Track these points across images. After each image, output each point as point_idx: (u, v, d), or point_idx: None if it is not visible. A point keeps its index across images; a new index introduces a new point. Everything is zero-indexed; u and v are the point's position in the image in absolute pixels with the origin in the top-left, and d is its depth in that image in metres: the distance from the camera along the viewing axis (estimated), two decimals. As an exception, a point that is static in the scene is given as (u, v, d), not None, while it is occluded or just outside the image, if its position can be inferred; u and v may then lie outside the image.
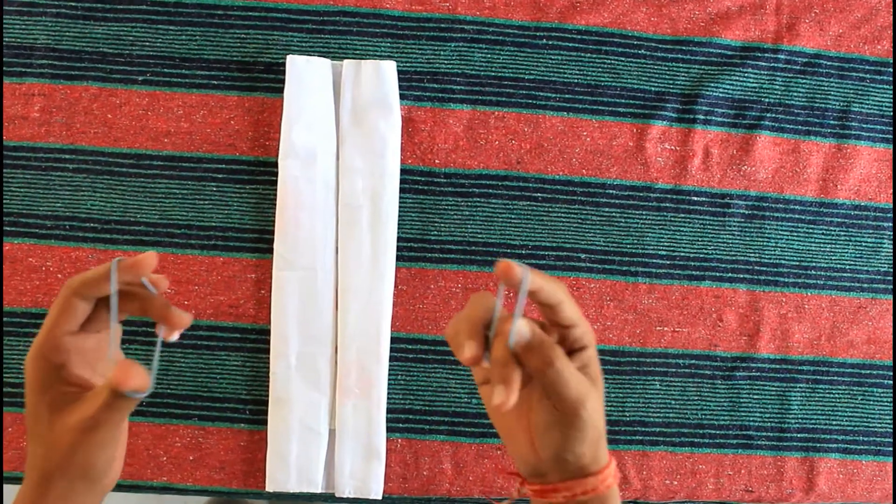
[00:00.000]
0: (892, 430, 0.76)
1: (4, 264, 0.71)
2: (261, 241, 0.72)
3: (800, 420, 0.75)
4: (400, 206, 0.73)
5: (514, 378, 0.38)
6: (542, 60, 0.76)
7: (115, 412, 0.39)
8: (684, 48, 0.77)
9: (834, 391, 0.76)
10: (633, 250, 0.75)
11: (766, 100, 0.77)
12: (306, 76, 0.72)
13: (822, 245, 0.77)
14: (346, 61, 0.73)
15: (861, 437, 0.75)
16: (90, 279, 0.40)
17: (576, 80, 0.76)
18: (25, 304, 0.71)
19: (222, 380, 0.71)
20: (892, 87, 0.78)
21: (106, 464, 0.41)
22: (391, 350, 0.72)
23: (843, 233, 0.77)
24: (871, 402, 0.76)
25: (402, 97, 0.74)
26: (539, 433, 0.42)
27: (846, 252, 0.77)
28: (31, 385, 0.40)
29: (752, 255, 0.76)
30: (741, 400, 0.74)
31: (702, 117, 0.76)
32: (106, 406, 0.39)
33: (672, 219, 0.75)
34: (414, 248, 0.73)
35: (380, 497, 0.70)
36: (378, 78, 0.72)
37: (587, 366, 0.42)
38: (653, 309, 0.74)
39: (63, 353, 0.40)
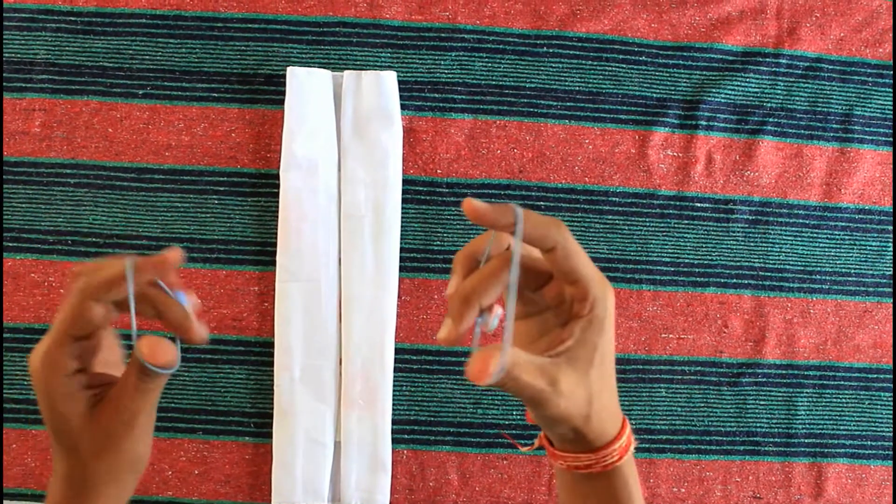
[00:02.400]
0: (899, 435, 0.75)
1: (6, 280, 0.71)
2: (263, 253, 0.72)
3: (807, 425, 0.75)
4: (402, 217, 0.72)
5: (464, 316, 0.34)
6: (542, 68, 0.75)
7: (149, 394, 0.37)
8: (685, 54, 0.77)
9: (841, 396, 0.75)
10: (637, 258, 0.74)
11: (768, 104, 0.77)
12: (307, 87, 0.71)
13: (826, 249, 0.76)
14: (346, 72, 0.72)
15: (869, 442, 0.75)
16: (105, 281, 0.35)
17: (577, 88, 0.76)
18: (28, 320, 0.71)
19: (227, 393, 0.71)
20: (893, 91, 0.78)
21: (147, 447, 0.38)
22: (395, 361, 0.71)
23: (847, 237, 0.77)
24: (879, 407, 0.75)
25: (403, 107, 0.74)
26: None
27: (851, 256, 0.77)
28: (47, 397, 0.36)
29: (757, 260, 0.76)
30: (748, 406, 0.74)
31: (704, 123, 0.76)
32: (139, 392, 0.36)
33: (675, 225, 0.75)
34: (417, 259, 0.73)
35: (386, 509, 0.70)
36: (379, 88, 0.72)
37: (575, 340, 0.35)
38: (657, 316, 0.74)
39: (79, 360, 0.37)
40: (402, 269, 0.72)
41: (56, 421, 0.37)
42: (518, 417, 0.73)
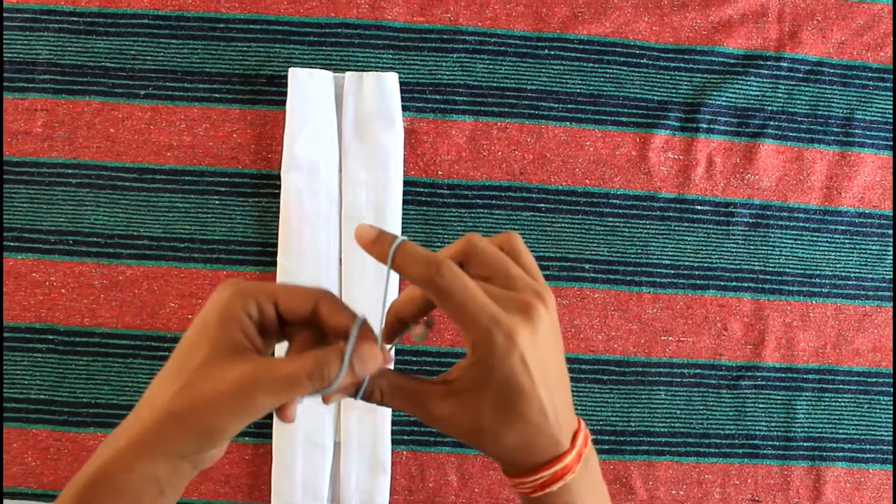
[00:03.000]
0: (898, 438, 0.76)
1: (8, 279, 0.71)
2: (264, 254, 0.72)
3: (806, 429, 0.75)
4: (403, 218, 0.73)
5: (390, 327, 0.39)
6: (544, 71, 0.76)
7: (288, 394, 0.34)
8: (687, 57, 0.77)
9: (840, 399, 0.75)
10: (637, 260, 0.75)
11: (769, 108, 0.77)
12: (308, 88, 0.72)
13: (826, 253, 0.76)
14: (348, 73, 0.73)
15: (868, 446, 0.75)
16: (336, 313, 0.36)
17: (578, 90, 0.76)
18: (29, 320, 0.71)
19: (227, 393, 0.71)
20: (894, 94, 0.78)
21: (226, 438, 0.35)
22: (395, 362, 0.71)
23: (847, 240, 0.77)
24: (878, 411, 0.76)
25: (404, 109, 0.74)
26: (480, 431, 0.37)
27: (851, 260, 0.77)
28: (214, 315, 0.35)
29: (757, 263, 0.76)
30: (747, 409, 0.74)
31: (705, 126, 0.76)
32: (293, 380, 0.34)
33: (676, 228, 0.75)
34: (417, 260, 0.73)
35: (385, 510, 0.70)
36: (380, 90, 0.72)
37: (465, 370, 0.36)
38: (657, 318, 0.74)
39: (262, 313, 0.36)
40: (402, 270, 0.72)
41: (198, 340, 0.35)
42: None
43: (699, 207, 0.76)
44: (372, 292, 0.70)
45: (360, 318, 0.36)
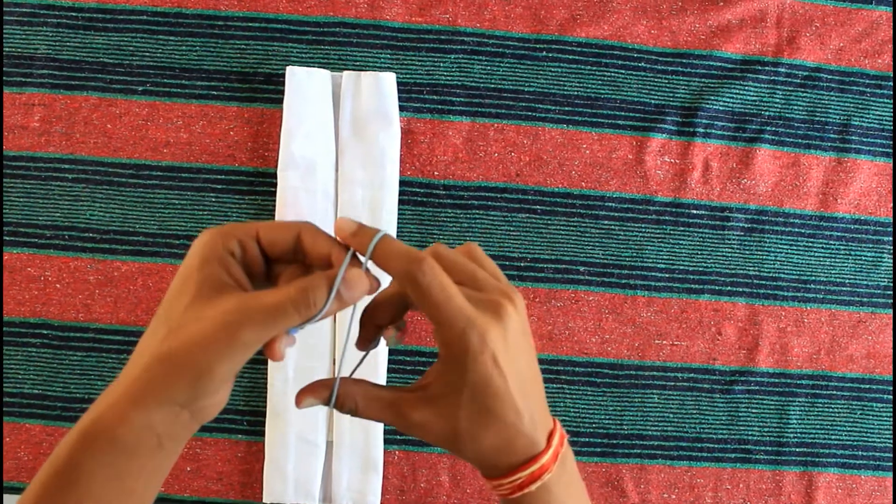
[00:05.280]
0: (891, 445, 0.75)
1: (4, 274, 0.71)
2: (259, 252, 0.72)
3: (798, 434, 0.75)
4: (399, 218, 0.73)
5: (364, 330, 0.40)
6: (541, 73, 0.76)
7: (274, 325, 0.33)
8: (684, 61, 0.77)
9: (833, 405, 0.75)
10: (632, 263, 0.75)
11: (767, 113, 0.77)
12: (306, 87, 0.72)
13: (821, 259, 0.76)
14: (345, 72, 0.73)
15: (860, 452, 0.75)
16: (320, 242, 0.36)
17: (576, 93, 0.76)
18: (24, 314, 0.71)
19: (220, 391, 0.71)
20: (892, 101, 0.78)
21: (220, 382, 0.34)
22: (389, 362, 0.71)
23: (842, 247, 0.77)
24: (871, 417, 0.76)
25: (401, 109, 0.74)
26: (454, 435, 0.37)
27: (846, 266, 0.77)
28: (197, 256, 0.35)
29: (752, 268, 0.76)
30: (740, 414, 0.74)
31: (702, 130, 0.76)
32: (277, 309, 0.33)
33: (671, 232, 0.75)
34: (412, 260, 0.73)
35: (377, 509, 0.70)
36: (378, 89, 0.72)
37: (452, 370, 0.36)
38: (651, 322, 0.74)
39: (245, 250, 0.36)
40: (397, 270, 0.72)
41: (176, 283, 0.35)
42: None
43: (695, 211, 0.76)
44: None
45: (350, 251, 0.36)
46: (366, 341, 0.41)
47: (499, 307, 0.36)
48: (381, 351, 0.70)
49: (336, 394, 0.37)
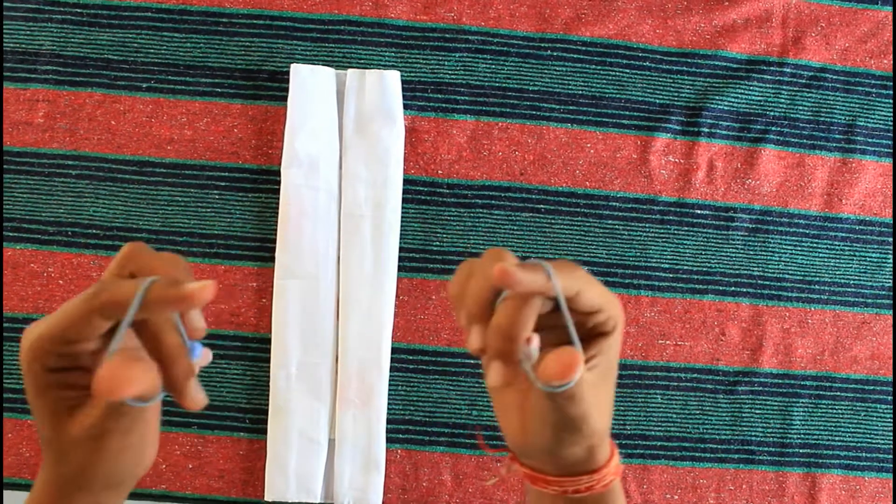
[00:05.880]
0: (894, 447, 0.75)
1: (6, 270, 0.71)
2: (263, 249, 0.72)
3: (802, 435, 0.75)
4: (402, 217, 0.72)
5: (514, 353, 0.33)
6: (546, 72, 0.75)
7: (122, 418, 0.33)
8: (689, 61, 0.77)
9: (837, 407, 0.75)
10: (636, 263, 0.74)
11: (771, 113, 0.77)
12: (310, 85, 0.72)
13: (826, 260, 0.76)
14: (350, 70, 0.73)
15: (864, 454, 0.75)
16: (116, 302, 0.31)
17: (580, 92, 0.76)
18: (27, 310, 0.71)
19: (222, 388, 0.71)
20: (893, 102, 0.78)
21: (131, 467, 0.35)
22: (392, 360, 0.71)
23: (847, 247, 0.77)
24: (875, 418, 0.75)
25: (405, 107, 0.74)
26: (532, 423, 0.37)
27: (850, 267, 0.76)
28: (29, 387, 0.34)
29: (756, 269, 0.75)
30: (743, 414, 0.74)
31: (706, 130, 0.76)
32: (107, 414, 0.32)
33: (675, 232, 0.75)
34: (416, 259, 0.73)
35: (379, 508, 0.70)
36: (382, 87, 0.72)
37: (602, 354, 0.37)
38: (655, 322, 0.74)
39: (63, 359, 0.33)
40: (400, 268, 0.72)
41: (32, 410, 0.34)
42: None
43: (699, 211, 0.75)
44: (369, 288, 0.70)
45: (126, 319, 0.32)
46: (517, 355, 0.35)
47: (610, 370, 0.39)
48: (384, 349, 0.70)
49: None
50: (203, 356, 0.34)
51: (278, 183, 0.72)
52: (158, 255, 0.34)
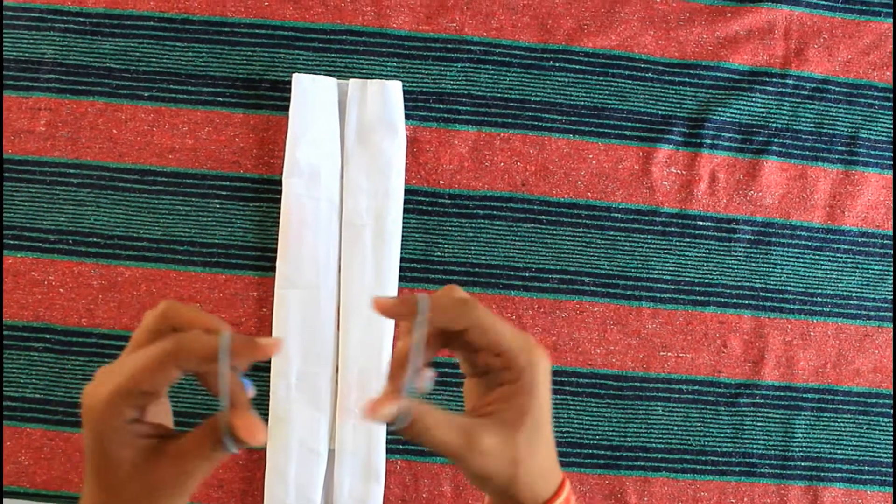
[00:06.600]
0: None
1: (7, 277, 0.71)
2: (263, 258, 0.72)
3: (804, 448, 0.74)
4: (403, 227, 0.72)
5: (399, 376, 0.36)
6: (548, 82, 0.75)
7: (214, 463, 0.35)
8: (692, 72, 0.76)
9: (839, 420, 0.75)
10: (638, 274, 0.74)
11: (774, 125, 0.77)
12: (312, 95, 0.71)
13: (828, 272, 0.76)
14: (351, 80, 0.72)
15: (866, 467, 0.74)
16: (198, 356, 0.34)
17: (582, 103, 0.75)
18: (27, 318, 0.71)
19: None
20: (893, 115, 0.78)
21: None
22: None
23: (849, 260, 0.76)
24: (877, 432, 0.75)
25: (407, 117, 0.74)
26: (484, 458, 0.37)
27: (853, 279, 0.76)
28: (103, 441, 0.35)
29: (758, 281, 0.75)
30: (745, 427, 0.74)
31: (708, 141, 0.76)
32: (207, 460, 0.35)
33: (677, 243, 0.75)
34: (417, 269, 0.73)
35: (378, 519, 0.69)
36: (384, 97, 0.72)
37: (504, 403, 0.37)
38: (656, 334, 0.74)
39: (139, 409, 0.35)
40: (401, 278, 0.72)
41: (103, 464, 0.35)
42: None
43: (701, 223, 0.75)
44: (370, 298, 0.70)
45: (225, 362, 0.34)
46: (406, 384, 0.39)
47: (534, 341, 0.38)
48: (385, 359, 0.70)
49: (404, 411, 0.36)
50: (252, 391, 0.37)
51: (279, 192, 0.72)
52: (196, 310, 0.36)
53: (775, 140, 0.77)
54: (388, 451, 0.70)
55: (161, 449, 0.35)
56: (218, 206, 0.73)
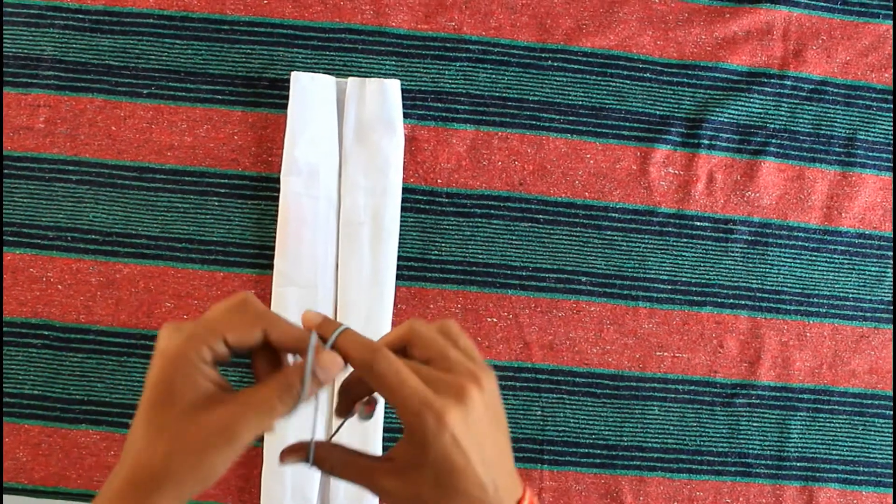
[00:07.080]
0: (892, 461, 0.75)
1: (5, 274, 0.71)
2: (261, 256, 0.72)
3: (799, 449, 0.74)
4: (401, 225, 0.72)
5: (342, 403, 0.44)
6: (546, 82, 0.75)
7: (267, 421, 0.37)
8: (690, 72, 0.77)
9: (834, 420, 0.75)
10: (635, 274, 0.74)
11: (772, 126, 0.77)
12: (310, 93, 0.72)
13: (825, 273, 0.76)
14: (350, 79, 0.73)
15: (861, 468, 0.75)
16: (289, 333, 0.39)
17: (580, 103, 0.76)
18: (25, 315, 0.71)
19: (219, 395, 0.71)
20: (893, 116, 0.78)
21: (225, 467, 0.37)
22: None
23: (846, 261, 0.76)
24: (873, 433, 0.75)
25: (405, 116, 0.74)
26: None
27: (849, 280, 0.76)
28: (167, 368, 0.37)
29: (755, 281, 0.75)
30: (740, 427, 0.74)
31: (706, 142, 0.76)
32: (267, 411, 0.36)
33: (674, 243, 0.75)
34: (414, 268, 0.73)
35: (374, 517, 0.70)
36: (382, 96, 0.72)
37: (415, 450, 0.38)
38: (653, 334, 0.74)
39: (215, 353, 0.37)
40: (398, 277, 0.72)
41: (165, 398, 0.37)
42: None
43: (698, 223, 0.75)
44: (367, 297, 0.70)
45: (314, 335, 0.39)
46: (342, 411, 0.45)
47: (462, 390, 0.38)
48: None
49: (313, 456, 0.40)
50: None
51: (277, 190, 0.72)
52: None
53: (773, 141, 0.77)
54: (384, 449, 0.70)
55: (222, 398, 0.37)
56: (216, 203, 0.73)
